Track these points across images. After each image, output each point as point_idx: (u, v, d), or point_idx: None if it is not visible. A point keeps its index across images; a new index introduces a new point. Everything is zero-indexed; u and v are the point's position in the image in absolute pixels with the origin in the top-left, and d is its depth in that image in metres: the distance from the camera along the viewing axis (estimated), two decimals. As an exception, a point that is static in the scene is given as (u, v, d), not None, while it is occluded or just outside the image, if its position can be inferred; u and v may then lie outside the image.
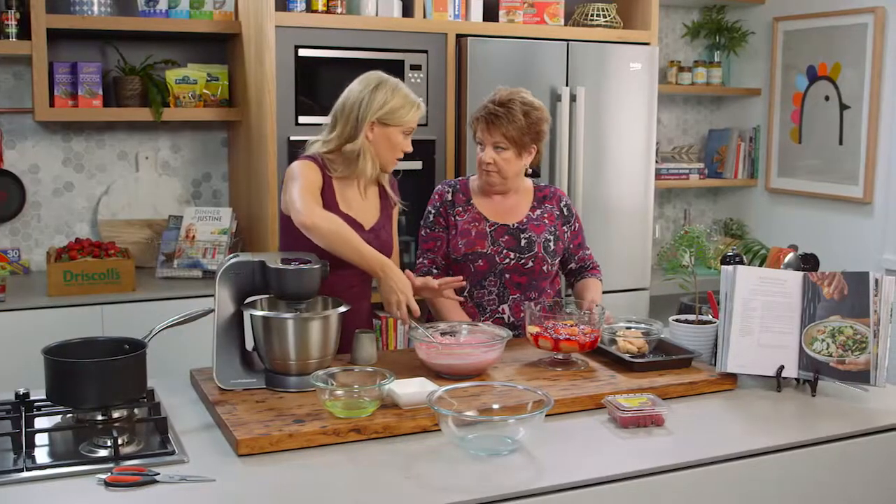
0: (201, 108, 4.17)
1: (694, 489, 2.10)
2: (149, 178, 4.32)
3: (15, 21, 3.82)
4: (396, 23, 4.04)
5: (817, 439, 2.25)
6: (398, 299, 2.59)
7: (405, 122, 2.78)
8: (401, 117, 2.77)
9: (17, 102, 4.09)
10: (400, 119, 2.77)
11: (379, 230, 2.88)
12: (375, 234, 2.85)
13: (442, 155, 4.13)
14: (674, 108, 5.49)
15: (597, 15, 4.52)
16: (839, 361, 2.49)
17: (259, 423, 2.14)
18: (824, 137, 4.92)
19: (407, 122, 2.78)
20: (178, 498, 1.84)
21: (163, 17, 4.07)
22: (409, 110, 2.78)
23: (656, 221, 5.31)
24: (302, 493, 1.88)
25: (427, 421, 2.18)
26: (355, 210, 2.83)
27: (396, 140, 2.80)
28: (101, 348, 2.28)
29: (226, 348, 2.42)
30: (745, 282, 2.55)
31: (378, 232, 2.87)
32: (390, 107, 2.76)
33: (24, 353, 2.99)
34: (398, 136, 2.79)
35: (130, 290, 3.76)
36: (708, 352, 2.71)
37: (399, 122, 2.77)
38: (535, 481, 1.94)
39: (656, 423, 2.25)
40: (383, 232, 2.90)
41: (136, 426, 2.18)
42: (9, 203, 4.10)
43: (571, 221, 3.09)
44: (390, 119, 2.76)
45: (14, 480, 1.88)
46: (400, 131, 2.79)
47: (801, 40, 5.01)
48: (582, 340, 2.60)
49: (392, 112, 2.76)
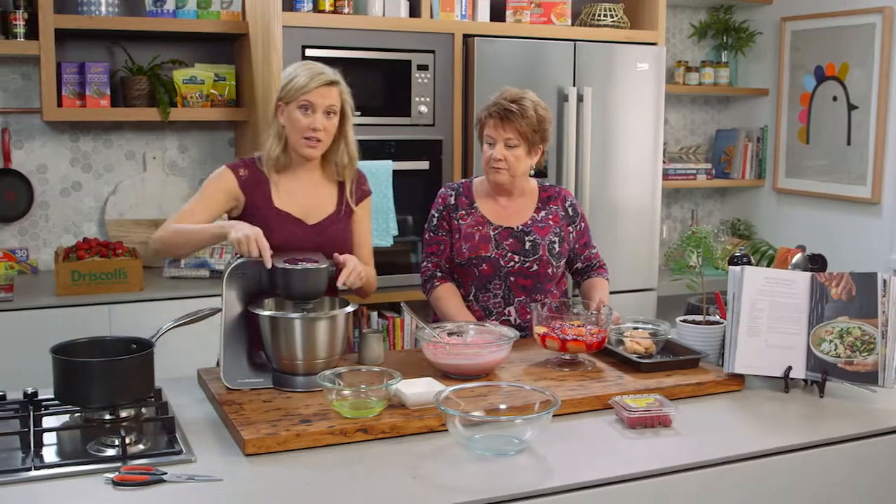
0: (208, 107, 4.17)
1: (701, 490, 2.09)
2: (156, 177, 4.33)
3: (23, 21, 3.83)
4: (403, 23, 4.04)
5: (825, 440, 2.24)
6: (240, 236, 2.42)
7: (297, 93, 2.61)
8: (294, 87, 2.62)
9: (25, 102, 4.10)
10: (294, 91, 2.62)
11: (326, 226, 2.74)
12: (320, 229, 2.73)
13: (449, 155, 4.13)
14: (681, 108, 5.48)
15: (604, 15, 4.51)
16: (847, 362, 2.49)
17: (266, 422, 2.14)
18: (832, 138, 4.91)
19: (298, 91, 2.61)
20: (185, 497, 1.84)
21: (170, 17, 4.07)
22: (301, 78, 2.62)
23: (663, 222, 5.31)
24: (309, 493, 1.88)
25: (434, 421, 2.18)
26: (296, 205, 2.72)
27: (294, 115, 2.63)
28: (109, 348, 2.28)
29: (233, 348, 2.42)
30: (752, 282, 2.54)
31: (325, 228, 2.74)
32: (287, 79, 2.65)
33: (32, 353, 3.01)
34: (294, 111, 2.63)
35: (138, 289, 3.77)
36: (715, 352, 2.71)
37: (293, 95, 2.62)
38: (542, 482, 1.94)
39: (663, 423, 2.25)
40: (333, 229, 2.75)
41: (143, 425, 2.18)
42: (17, 203, 4.11)
43: (577, 221, 3.08)
44: (286, 95, 2.64)
45: (22, 479, 1.89)
46: (296, 106, 2.62)
47: (809, 40, 5.00)
48: (589, 341, 2.59)
49: (288, 83, 2.64)
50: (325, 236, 2.72)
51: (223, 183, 2.70)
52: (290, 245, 2.60)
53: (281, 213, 2.69)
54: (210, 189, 2.70)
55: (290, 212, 2.71)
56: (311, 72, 2.65)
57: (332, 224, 2.76)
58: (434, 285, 3.01)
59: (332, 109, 2.66)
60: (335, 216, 2.77)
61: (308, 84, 2.62)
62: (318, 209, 2.75)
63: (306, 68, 2.67)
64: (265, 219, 2.66)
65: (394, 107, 4.03)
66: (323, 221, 2.74)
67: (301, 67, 2.69)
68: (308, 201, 2.74)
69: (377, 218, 3.96)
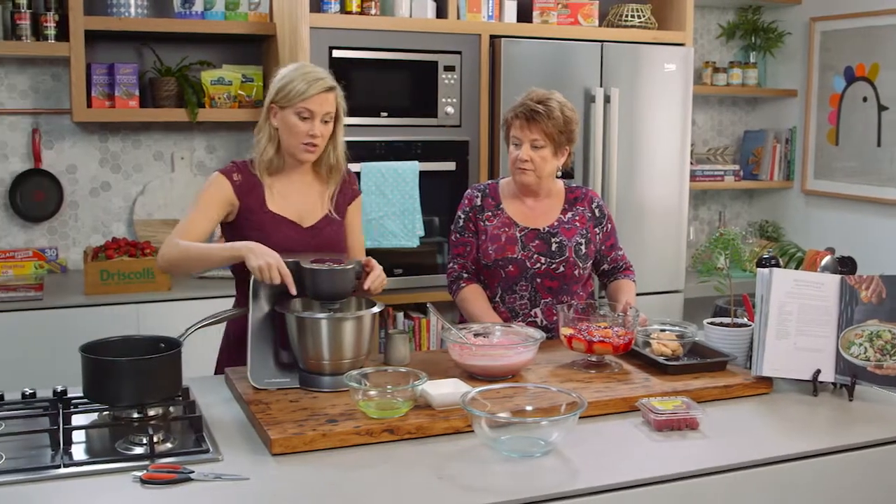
0: (236, 108, 4.19)
1: (728, 493, 2.08)
2: (184, 178, 4.36)
3: (53, 23, 3.87)
4: (430, 24, 4.04)
5: (854, 445, 2.22)
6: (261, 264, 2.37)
7: (297, 100, 2.57)
8: (290, 94, 2.58)
9: (55, 103, 4.14)
10: (289, 97, 2.58)
11: (321, 228, 2.72)
12: (315, 232, 2.71)
13: (475, 156, 4.13)
14: (709, 109, 5.45)
15: (631, 16, 4.50)
16: (877, 366, 2.46)
17: (293, 422, 2.14)
18: (862, 139, 4.87)
19: (296, 98, 2.57)
20: (212, 496, 1.85)
21: (198, 18, 4.10)
22: (299, 86, 2.57)
23: (691, 223, 5.28)
24: (335, 492, 1.88)
25: (460, 422, 2.18)
26: (290, 207, 2.70)
27: (290, 121, 2.60)
28: (137, 347, 2.30)
29: (260, 348, 2.43)
30: (781, 285, 2.53)
31: (320, 230, 2.72)
32: (281, 84, 2.60)
33: (61, 351, 3.04)
34: (291, 117, 2.59)
35: (166, 289, 3.80)
36: (743, 355, 2.69)
37: (290, 101, 2.58)
38: (568, 483, 1.93)
39: (690, 426, 2.24)
40: (328, 231, 2.74)
41: (171, 424, 2.20)
42: (47, 203, 4.15)
43: (603, 223, 3.07)
44: (282, 100, 2.59)
45: (52, 477, 1.90)
46: (292, 112, 2.59)
47: (839, 41, 4.96)
48: (616, 342, 2.58)
49: (282, 90, 2.59)
50: (321, 238, 2.72)
51: (219, 192, 2.65)
52: (286, 248, 2.57)
53: (276, 217, 2.68)
54: (207, 199, 2.65)
55: (284, 215, 2.69)
56: (309, 77, 2.60)
57: (327, 226, 2.75)
58: (460, 286, 3.01)
59: (329, 117, 2.64)
60: (329, 217, 2.75)
61: (307, 90, 2.58)
62: (311, 212, 2.74)
63: (303, 72, 2.62)
64: (260, 223, 2.65)
65: (420, 108, 4.04)
66: (318, 224, 2.73)
67: (297, 72, 2.63)
68: (302, 204, 2.72)
69: (404, 219, 3.97)
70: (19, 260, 4.08)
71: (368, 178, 3.90)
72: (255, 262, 2.38)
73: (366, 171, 3.90)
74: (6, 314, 3.56)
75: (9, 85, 4.08)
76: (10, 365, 3.49)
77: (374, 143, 3.95)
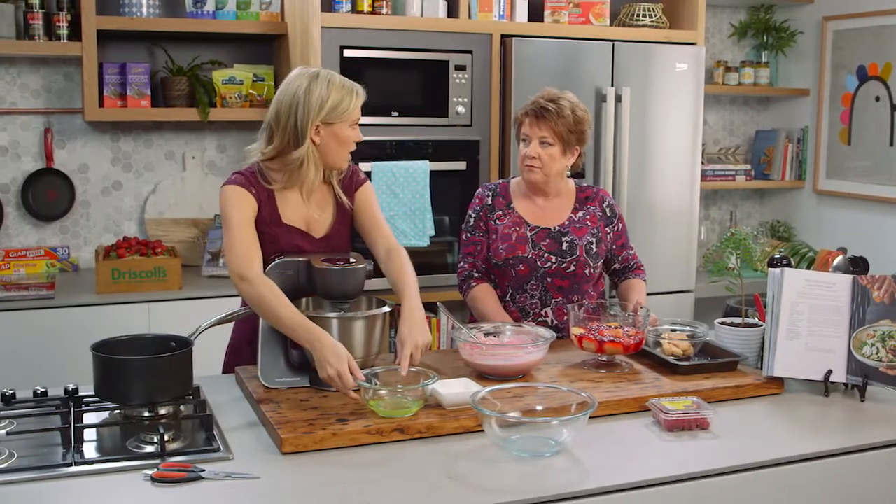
0: (247, 108, 4.20)
1: (739, 494, 2.07)
2: (195, 177, 4.37)
3: (66, 23, 3.88)
4: (441, 23, 4.04)
5: (866, 445, 2.21)
6: (329, 373, 2.27)
7: (349, 114, 2.57)
8: (343, 111, 2.56)
9: (67, 103, 4.16)
10: (343, 113, 2.56)
11: (332, 237, 2.69)
12: (328, 242, 2.68)
13: (486, 155, 4.13)
14: (720, 108, 5.43)
15: (643, 15, 4.49)
16: (889, 366, 2.45)
17: (303, 421, 2.15)
18: (874, 138, 4.85)
19: (350, 113, 2.57)
20: (222, 494, 1.86)
21: (210, 18, 4.11)
22: (350, 101, 2.57)
23: (702, 223, 5.27)
24: (345, 492, 1.88)
25: (470, 421, 2.18)
26: (301, 219, 2.66)
27: (345, 135, 2.58)
28: (148, 345, 2.31)
29: (271, 347, 2.44)
30: (792, 285, 2.52)
31: (331, 240, 2.69)
32: (331, 103, 2.55)
33: (72, 350, 3.05)
34: (345, 130, 2.58)
35: (177, 288, 3.81)
36: (754, 355, 2.68)
37: (343, 116, 2.56)
38: (579, 483, 1.93)
39: (701, 426, 2.23)
40: (337, 239, 2.71)
41: (181, 423, 2.20)
42: (59, 202, 4.17)
43: (614, 222, 3.07)
44: (334, 116, 2.55)
45: (63, 475, 1.91)
46: (346, 125, 2.58)
47: (852, 40, 4.94)
48: (626, 342, 2.58)
49: (334, 108, 2.55)
50: (332, 246, 2.68)
51: (248, 204, 2.57)
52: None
53: (290, 229, 2.63)
54: (245, 214, 2.56)
55: (297, 226, 2.65)
56: (353, 91, 2.59)
57: (336, 233, 2.71)
58: (471, 286, 3.01)
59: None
60: (336, 223, 2.71)
61: (356, 102, 2.58)
62: (319, 220, 2.69)
63: (347, 90, 2.58)
64: (275, 235, 2.61)
65: (431, 107, 4.04)
66: (329, 233, 2.69)
67: (339, 89, 2.57)
68: (310, 213, 2.67)
69: (415, 218, 3.97)
70: (31, 259, 4.09)
71: (379, 178, 3.90)
72: (327, 373, 2.27)
73: (377, 171, 3.90)
74: (18, 313, 3.58)
75: (21, 84, 4.09)
76: (21, 363, 3.51)
77: (385, 142, 3.95)
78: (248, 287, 2.41)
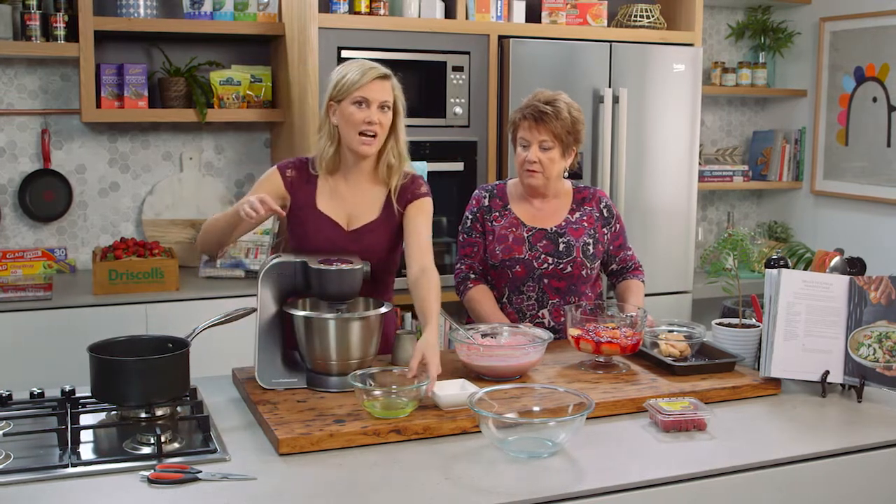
0: (245, 109, 4.20)
1: (736, 495, 2.07)
2: (192, 178, 4.37)
3: (63, 24, 3.88)
4: (439, 24, 4.04)
5: (863, 446, 2.21)
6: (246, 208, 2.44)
7: (351, 88, 2.57)
8: (345, 84, 2.58)
9: (64, 103, 4.15)
10: (347, 88, 2.57)
11: (364, 235, 2.68)
12: (356, 236, 2.68)
13: (483, 156, 4.13)
14: (717, 109, 5.44)
15: (640, 16, 4.49)
16: (886, 367, 2.45)
17: (300, 422, 2.15)
18: (872, 139, 4.86)
19: (351, 87, 2.57)
20: (219, 496, 1.85)
21: (207, 18, 4.11)
22: (353, 74, 2.58)
23: (699, 224, 5.27)
24: (342, 492, 1.88)
25: (467, 422, 2.18)
26: (338, 208, 2.69)
27: (348, 111, 2.58)
28: (145, 347, 2.31)
29: (268, 348, 2.44)
30: (789, 285, 2.52)
31: (362, 235, 2.68)
32: (337, 78, 2.61)
33: (69, 351, 3.05)
34: (349, 108, 2.58)
35: (174, 289, 3.80)
36: (751, 356, 2.68)
37: (347, 91, 2.57)
38: (575, 484, 1.93)
39: (698, 427, 2.23)
40: (370, 237, 2.69)
41: (178, 424, 2.20)
42: (56, 203, 4.16)
43: (612, 223, 3.06)
44: (339, 93, 2.59)
45: (59, 476, 1.91)
46: (349, 102, 2.58)
47: (849, 41, 4.94)
48: (623, 343, 2.58)
49: (339, 83, 2.59)
50: (361, 244, 2.67)
51: (269, 184, 2.70)
52: (325, 249, 2.59)
53: (322, 216, 2.67)
54: (259, 189, 2.69)
55: (330, 215, 2.68)
56: (363, 67, 2.62)
57: (371, 232, 2.70)
58: (468, 287, 3.01)
59: (386, 104, 2.62)
60: (376, 223, 2.70)
61: (361, 79, 2.58)
62: (360, 215, 2.70)
63: (357, 64, 2.63)
64: (305, 220, 2.66)
65: (429, 108, 4.04)
66: (361, 228, 2.69)
67: (352, 65, 2.64)
68: (352, 206, 2.70)
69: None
70: (28, 260, 4.09)
71: (376, 179, 3.90)
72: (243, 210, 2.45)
73: (374, 172, 3.89)
74: (15, 314, 3.57)
75: (18, 85, 4.09)
76: (18, 364, 3.50)
77: (382, 143, 3.94)
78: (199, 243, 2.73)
